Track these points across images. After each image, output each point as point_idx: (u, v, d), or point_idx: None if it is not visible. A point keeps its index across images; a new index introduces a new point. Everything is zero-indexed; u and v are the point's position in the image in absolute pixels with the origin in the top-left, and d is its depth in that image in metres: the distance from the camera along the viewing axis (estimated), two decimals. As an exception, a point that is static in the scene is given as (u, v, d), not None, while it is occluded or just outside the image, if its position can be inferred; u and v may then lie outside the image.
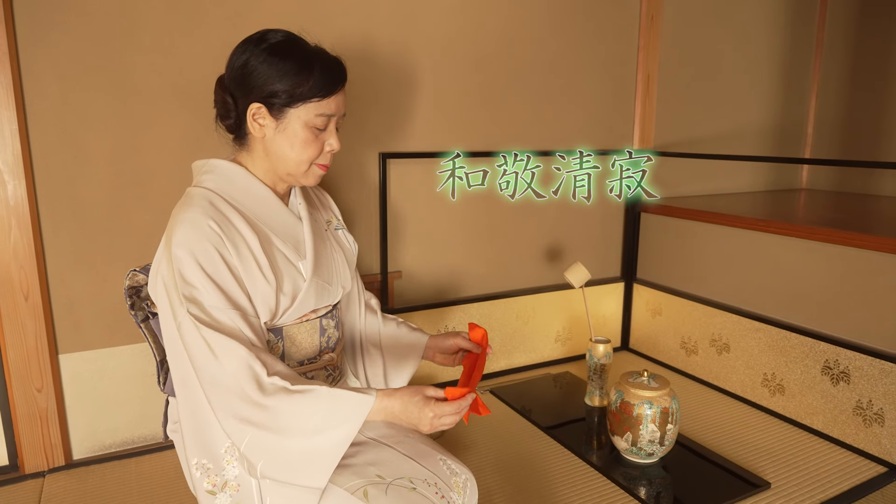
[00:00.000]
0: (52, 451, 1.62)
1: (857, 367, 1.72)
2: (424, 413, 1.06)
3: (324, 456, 1.03)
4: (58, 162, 1.54)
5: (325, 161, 1.20)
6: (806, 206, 2.52)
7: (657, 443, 1.60)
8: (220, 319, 1.04)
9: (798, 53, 2.83)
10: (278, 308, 1.15)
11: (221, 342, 1.01)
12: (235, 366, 1.01)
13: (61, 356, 1.61)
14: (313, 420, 1.02)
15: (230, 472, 1.04)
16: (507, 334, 2.25)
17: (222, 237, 1.08)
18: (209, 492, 1.04)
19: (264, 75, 1.11)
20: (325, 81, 1.13)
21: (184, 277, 1.04)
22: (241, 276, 1.09)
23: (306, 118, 1.13)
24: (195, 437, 1.06)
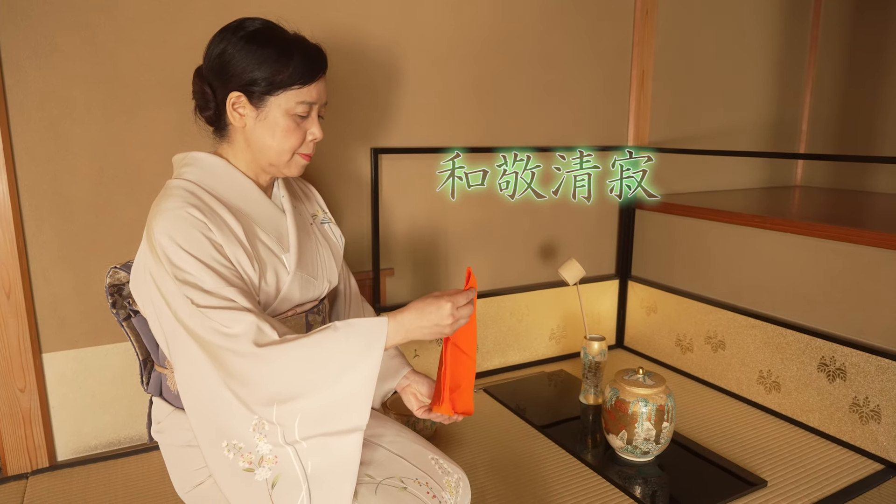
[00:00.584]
0: (36, 453, 1.58)
1: (854, 364, 1.71)
2: (442, 306, 1.03)
3: (356, 393, 0.99)
4: (41, 155, 1.50)
5: (308, 150, 1.18)
6: (801, 202, 2.50)
7: (653, 441, 1.58)
8: (221, 294, 1.01)
9: (793, 49, 2.82)
10: (259, 301, 1.12)
11: (227, 316, 0.98)
12: (244, 328, 0.98)
13: (45, 355, 1.58)
14: (336, 354, 0.98)
15: (264, 448, 0.99)
16: (501, 332, 2.22)
17: (206, 222, 1.05)
18: (247, 470, 0.99)
19: (242, 63, 1.09)
20: (305, 68, 1.10)
21: (174, 263, 1.01)
22: (229, 256, 1.06)
23: (287, 106, 1.11)
24: (211, 424, 1.00)
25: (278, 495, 1.00)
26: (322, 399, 0.98)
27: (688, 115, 2.54)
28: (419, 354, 2.08)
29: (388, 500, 1.06)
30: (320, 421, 0.99)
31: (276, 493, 1.00)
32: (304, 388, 0.98)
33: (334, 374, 0.99)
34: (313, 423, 0.99)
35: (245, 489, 1.00)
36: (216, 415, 1.00)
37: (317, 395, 0.98)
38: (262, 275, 1.12)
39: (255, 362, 0.98)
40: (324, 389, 0.98)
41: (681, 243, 2.25)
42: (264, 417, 0.98)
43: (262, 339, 0.99)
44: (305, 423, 0.98)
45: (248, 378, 0.98)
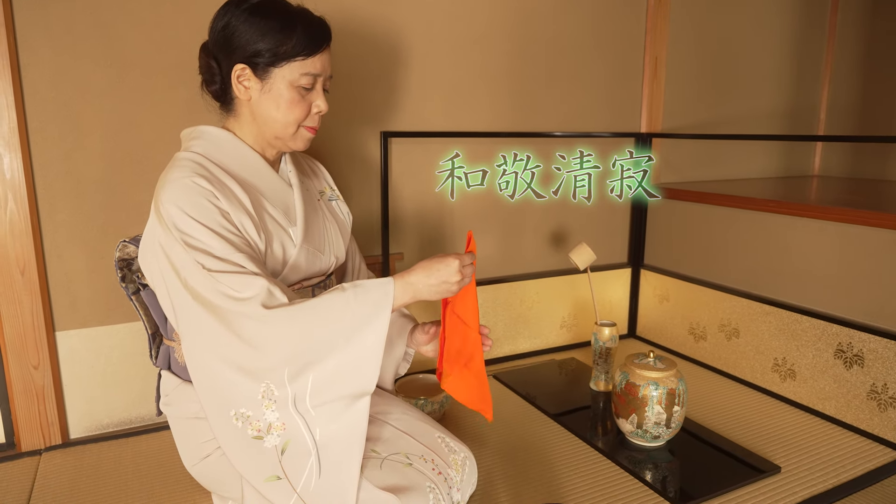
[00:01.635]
0: (49, 430, 1.60)
1: (872, 350, 1.67)
2: (450, 263, 1.05)
3: (366, 354, 1.00)
4: (54, 135, 1.52)
5: (314, 123, 1.18)
6: (818, 190, 2.46)
7: (663, 425, 1.56)
8: (231, 259, 1.02)
9: (810, 35, 2.77)
10: (268, 271, 1.13)
11: (237, 280, 0.99)
12: (256, 290, 0.98)
13: (58, 333, 1.60)
14: (346, 314, 0.99)
15: (271, 416, 0.99)
16: (512, 319, 2.21)
17: (213, 191, 1.06)
18: (256, 437, 1.00)
19: (246, 35, 1.10)
20: (308, 39, 1.11)
21: (182, 230, 1.02)
22: (236, 223, 1.07)
23: (291, 77, 1.11)
24: (218, 394, 1.01)
25: (288, 461, 1.00)
26: (333, 360, 0.99)
27: (702, 102, 2.51)
28: (429, 340, 2.07)
29: (394, 475, 1.06)
30: (331, 384, 0.99)
31: (285, 458, 1.00)
32: (315, 349, 0.98)
33: (345, 335, 0.99)
34: (324, 387, 0.99)
35: (255, 457, 1.01)
36: (224, 383, 1.00)
37: (328, 357, 0.99)
38: (268, 245, 1.13)
39: (266, 325, 0.98)
40: (335, 350, 0.99)
41: (694, 230, 2.22)
42: (273, 383, 0.98)
43: (272, 301, 0.99)
44: (317, 387, 0.99)
45: (260, 341, 0.98)
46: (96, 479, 1.47)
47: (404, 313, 1.37)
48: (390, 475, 1.06)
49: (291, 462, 1.00)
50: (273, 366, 0.98)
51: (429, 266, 1.05)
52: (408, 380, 1.83)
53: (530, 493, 1.43)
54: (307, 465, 0.99)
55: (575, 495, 1.42)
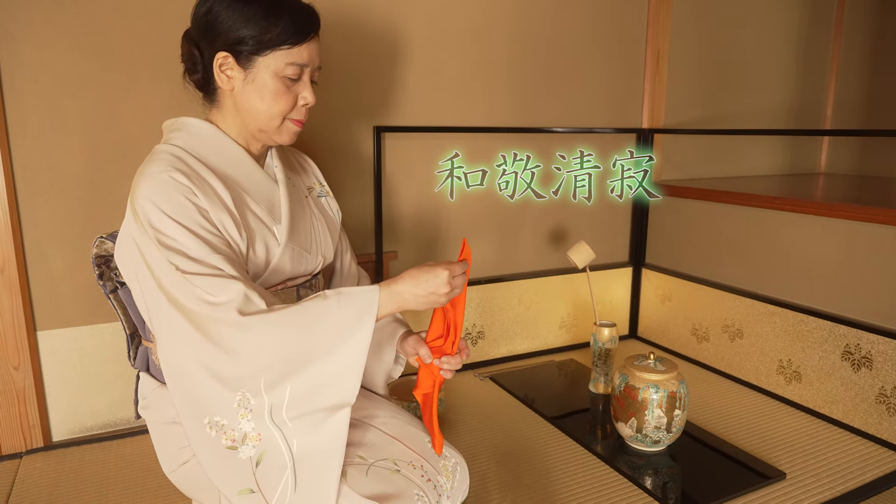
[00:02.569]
0: (30, 432, 1.56)
1: (881, 352, 1.61)
2: (439, 274, 0.98)
3: (347, 366, 0.94)
4: (35, 129, 1.48)
5: (300, 116, 1.13)
6: (825, 187, 2.40)
7: (664, 429, 1.51)
8: (208, 263, 0.96)
9: (817, 30, 2.71)
10: (248, 272, 1.07)
11: (213, 283, 0.93)
12: (233, 295, 0.93)
13: (39, 333, 1.55)
14: (327, 324, 0.94)
15: (247, 425, 0.94)
16: (509, 319, 2.16)
17: (191, 187, 1.00)
18: (230, 448, 0.94)
19: (229, 21, 1.04)
20: (295, 27, 1.05)
21: (157, 228, 0.97)
22: (215, 222, 1.02)
23: (276, 67, 1.06)
24: (193, 400, 0.96)
25: (262, 474, 0.95)
26: (312, 370, 0.94)
27: (705, 98, 2.45)
28: (424, 341, 2.02)
29: (380, 483, 1.01)
30: (309, 395, 0.94)
31: (260, 471, 0.95)
32: (293, 359, 0.94)
33: (325, 345, 0.94)
34: (302, 398, 0.94)
35: (228, 468, 0.96)
36: (198, 390, 0.95)
37: (307, 367, 0.94)
38: (250, 245, 1.07)
39: (242, 332, 0.93)
40: (314, 360, 0.94)
41: (697, 229, 2.16)
42: (249, 392, 0.94)
43: (249, 307, 0.94)
44: (294, 398, 0.94)
45: (236, 349, 0.93)
46: (77, 483, 1.42)
47: (397, 318, 1.31)
48: (376, 482, 1.01)
49: (266, 475, 0.95)
50: (249, 374, 0.94)
51: (417, 275, 0.99)
52: (402, 381, 1.78)
53: (525, 500, 1.38)
54: (282, 479, 0.94)
55: (571, 503, 1.37)
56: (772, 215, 1.90)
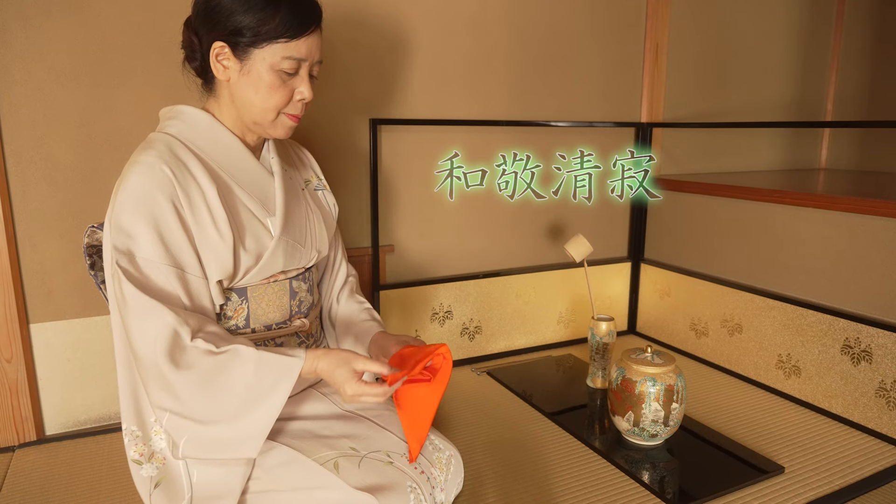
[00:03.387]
0: (23, 425, 1.55)
1: (881, 346, 1.60)
2: (346, 387, 0.97)
3: (256, 422, 0.95)
4: (27, 119, 1.46)
5: (296, 111, 1.11)
6: (825, 181, 2.38)
7: (661, 423, 1.49)
8: (152, 276, 0.96)
9: (817, 25, 2.69)
10: (239, 267, 1.06)
11: (146, 303, 0.93)
12: (157, 330, 0.92)
13: (32, 325, 1.54)
14: (237, 389, 0.93)
15: (158, 444, 0.97)
16: (507, 314, 2.14)
17: (175, 184, 0.99)
18: (135, 461, 0.98)
19: (228, 10, 1.03)
20: (293, 20, 1.03)
21: (121, 225, 0.96)
22: (191, 229, 1.00)
23: (272, 60, 1.04)
24: (128, 402, 0.99)
25: (157, 498, 0.99)
26: (212, 431, 0.95)
27: (704, 91, 2.44)
28: (420, 335, 2.01)
29: (372, 474, 1.00)
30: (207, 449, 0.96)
31: (156, 494, 0.99)
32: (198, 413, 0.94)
33: (232, 412, 0.94)
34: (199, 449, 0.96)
35: (136, 478, 1.01)
36: (128, 393, 0.99)
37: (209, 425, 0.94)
38: (239, 239, 1.06)
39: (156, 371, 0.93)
40: (217, 423, 0.94)
41: (696, 223, 2.15)
42: (159, 418, 0.96)
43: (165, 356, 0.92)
44: (191, 446, 0.95)
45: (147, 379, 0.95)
46: (69, 477, 1.41)
47: (375, 317, 1.30)
48: (369, 474, 1.00)
49: (160, 499, 0.99)
50: (156, 403, 0.95)
51: (334, 371, 0.97)
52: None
53: (519, 493, 1.36)
54: None
55: (568, 496, 1.36)
56: (771, 209, 1.88)
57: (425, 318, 2.00)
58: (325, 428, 1.10)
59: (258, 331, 1.13)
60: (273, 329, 1.15)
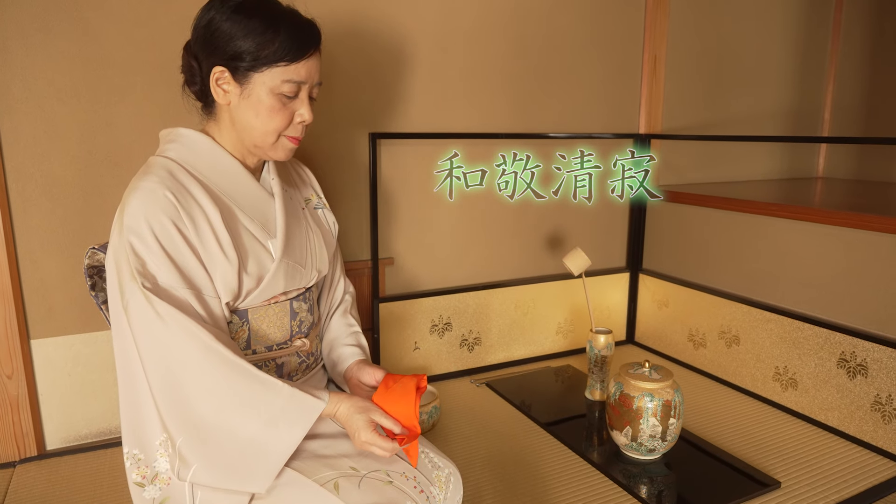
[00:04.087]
0: (24, 441, 1.55)
1: (876, 360, 1.61)
2: (361, 433, 1.02)
3: (269, 455, 0.97)
4: (27, 136, 1.47)
5: (296, 133, 1.12)
6: (823, 192, 2.39)
7: (658, 438, 1.50)
8: (175, 296, 0.97)
9: (815, 35, 2.70)
10: (241, 289, 1.07)
11: (176, 317, 0.94)
12: (189, 344, 0.94)
13: (33, 341, 1.55)
14: (271, 408, 0.96)
15: (161, 465, 0.98)
16: (506, 325, 2.15)
17: (178, 208, 1.00)
18: (137, 483, 0.99)
19: (227, 35, 1.03)
20: (292, 44, 1.04)
21: (135, 251, 0.97)
22: (198, 251, 1.01)
23: (272, 84, 1.05)
24: (131, 426, 0.99)
25: None
26: (245, 429, 0.97)
27: (702, 102, 2.45)
28: (419, 347, 2.02)
29: (372, 494, 1.01)
30: (223, 468, 0.97)
31: None
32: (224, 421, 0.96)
33: (267, 418, 0.97)
34: (215, 469, 0.97)
35: (137, 501, 1.01)
36: (131, 416, 1.00)
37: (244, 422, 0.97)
38: (242, 264, 1.07)
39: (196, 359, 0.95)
40: (253, 420, 0.97)
41: (694, 234, 2.16)
42: (173, 437, 0.97)
43: (207, 352, 0.96)
44: (205, 466, 0.97)
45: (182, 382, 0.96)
46: (70, 492, 1.42)
47: (360, 342, 1.32)
48: (369, 494, 1.01)
49: None
50: (176, 421, 0.97)
51: (351, 417, 1.03)
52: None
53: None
54: None
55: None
56: (769, 222, 1.90)
57: (424, 330, 2.01)
58: (325, 447, 1.11)
59: (259, 352, 1.14)
60: (274, 349, 1.16)
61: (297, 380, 1.20)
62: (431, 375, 2.04)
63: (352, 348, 1.28)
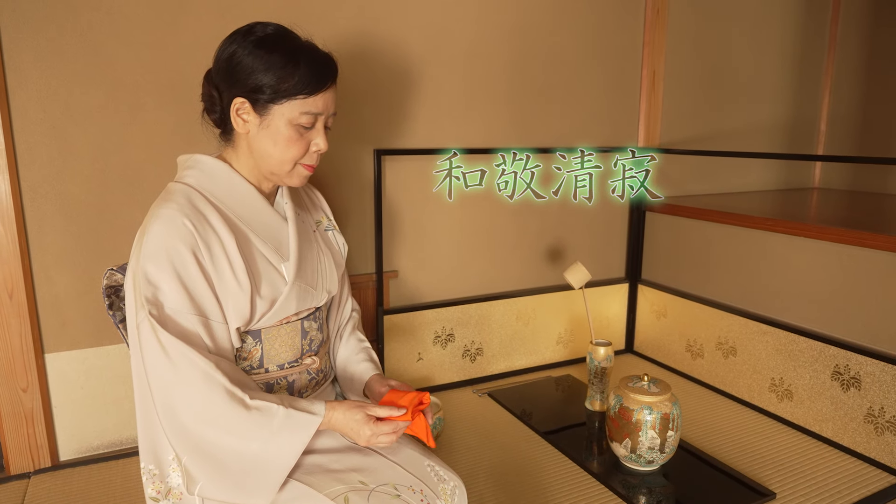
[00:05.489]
0: (38, 452, 1.59)
1: (869, 373, 1.65)
2: (363, 430, 1.06)
3: (270, 472, 1.01)
4: (43, 156, 1.51)
5: (311, 161, 1.16)
6: (818, 205, 2.44)
7: (657, 450, 1.54)
8: (181, 323, 1.01)
9: (811, 48, 2.75)
10: (254, 312, 1.11)
11: (178, 347, 0.98)
12: (191, 373, 0.98)
13: (47, 355, 1.59)
14: (269, 430, 1.01)
15: (174, 480, 1.01)
16: (507, 336, 2.19)
17: (196, 236, 1.04)
18: (153, 498, 1.03)
19: (249, 68, 1.07)
20: (311, 78, 1.08)
21: (148, 277, 1.01)
22: (212, 278, 1.05)
23: (290, 116, 1.09)
24: (147, 442, 1.03)
25: None
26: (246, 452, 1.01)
27: (700, 115, 2.49)
28: (423, 358, 2.06)
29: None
30: (227, 484, 1.01)
31: None
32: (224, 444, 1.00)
33: (259, 443, 1.01)
34: (220, 485, 1.01)
35: None
36: (146, 432, 1.03)
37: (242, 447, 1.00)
38: (256, 287, 1.10)
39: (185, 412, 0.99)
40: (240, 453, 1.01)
41: (692, 246, 2.20)
42: (179, 455, 1.01)
43: (210, 393, 0.99)
44: (212, 481, 1.01)
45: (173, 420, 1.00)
46: (84, 502, 1.46)
47: (371, 357, 1.35)
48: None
49: None
50: (180, 441, 1.00)
51: (348, 419, 1.07)
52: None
53: (521, 520, 1.41)
54: None
55: (567, 523, 1.41)
56: (764, 236, 1.94)
57: (427, 341, 2.05)
58: (335, 462, 1.14)
59: (271, 370, 1.18)
60: (285, 368, 1.19)
61: (307, 396, 1.24)
62: (435, 385, 2.08)
63: (366, 364, 1.32)
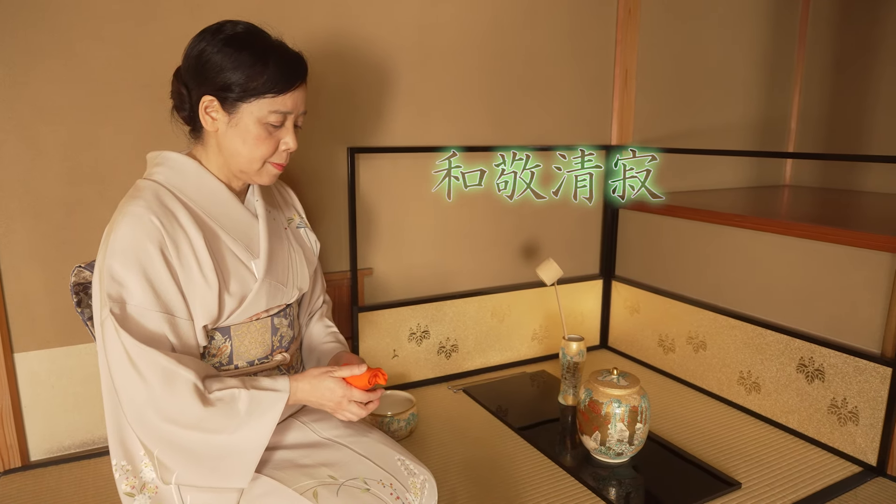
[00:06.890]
0: (8, 453, 1.58)
1: (832, 365, 1.70)
2: (336, 391, 1.08)
3: (243, 454, 1.02)
4: (11, 154, 1.50)
5: (281, 160, 1.16)
6: (788, 202, 2.49)
7: (626, 442, 1.57)
8: (143, 322, 1.01)
9: (781, 46, 2.80)
10: (223, 309, 1.11)
11: (139, 347, 0.98)
12: (152, 374, 0.98)
13: (16, 355, 1.57)
14: (236, 418, 1.01)
15: (148, 475, 1.02)
16: (482, 332, 2.21)
17: (163, 233, 1.04)
18: (128, 494, 1.03)
19: (218, 66, 1.07)
20: (280, 76, 1.08)
21: (113, 274, 1.01)
22: (178, 276, 1.05)
23: (259, 114, 1.09)
24: (116, 438, 1.04)
25: None
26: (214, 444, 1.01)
27: (673, 113, 2.53)
28: (398, 355, 2.07)
29: (350, 502, 1.05)
30: (202, 473, 1.01)
31: None
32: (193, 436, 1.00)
33: (228, 432, 1.01)
34: (194, 474, 1.01)
35: None
36: (115, 428, 1.04)
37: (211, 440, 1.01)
38: (224, 284, 1.11)
39: (150, 410, 0.99)
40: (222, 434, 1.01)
41: (664, 243, 2.24)
42: (151, 450, 1.01)
43: (168, 386, 0.99)
44: (186, 471, 1.01)
45: (139, 418, 1.00)
46: (55, 502, 1.45)
47: (339, 339, 1.36)
48: (347, 502, 1.05)
49: None
50: (150, 438, 1.00)
51: (316, 386, 1.07)
52: (375, 396, 1.82)
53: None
54: None
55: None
56: (732, 232, 1.98)
57: (403, 338, 2.06)
58: (304, 457, 1.15)
59: (241, 367, 1.18)
60: (255, 364, 1.20)
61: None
62: (410, 382, 2.10)
63: (331, 345, 1.33)
